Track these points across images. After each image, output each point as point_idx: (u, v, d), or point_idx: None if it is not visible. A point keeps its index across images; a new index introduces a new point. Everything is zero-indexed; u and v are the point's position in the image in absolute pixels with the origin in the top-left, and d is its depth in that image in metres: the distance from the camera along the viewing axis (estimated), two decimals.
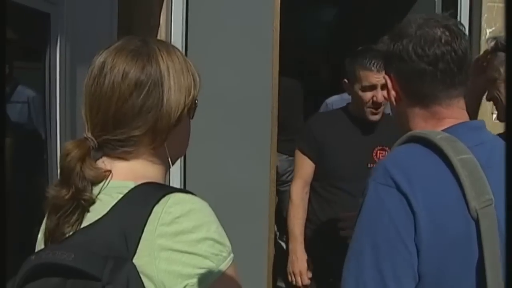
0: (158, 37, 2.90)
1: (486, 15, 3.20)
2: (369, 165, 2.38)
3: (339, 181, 2.42)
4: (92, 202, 0.95)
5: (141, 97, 0.96)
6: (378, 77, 2.28)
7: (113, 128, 0.98)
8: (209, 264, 0.90)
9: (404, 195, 1.04)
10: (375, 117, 2.40)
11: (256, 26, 3.03)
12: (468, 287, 1.05)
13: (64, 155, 0.95)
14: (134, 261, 0.88)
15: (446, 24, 1.16)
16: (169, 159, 1.04)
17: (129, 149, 0.99)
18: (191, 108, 1.05)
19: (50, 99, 1.87)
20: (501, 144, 1.20)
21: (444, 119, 1.17)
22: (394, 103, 1.24)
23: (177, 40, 2.94)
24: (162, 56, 1.00)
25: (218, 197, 1.01)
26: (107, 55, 1.00)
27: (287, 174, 3.96)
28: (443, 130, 1.14)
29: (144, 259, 0.88)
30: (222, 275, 0.91)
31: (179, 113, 1.00)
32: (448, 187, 1.05)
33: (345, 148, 2.44)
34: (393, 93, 1.22)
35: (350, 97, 2.52)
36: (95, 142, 0.98)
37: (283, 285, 4.10)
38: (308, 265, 2.46)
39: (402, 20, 3.57)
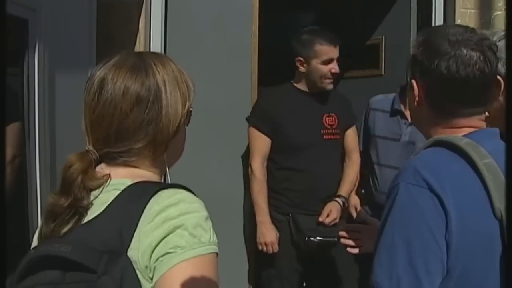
0: (137, 43, 2.90)
1: (459, 20, 3.28)
2: (322, 131, 2.73)
3: (298, 150, 2.70)
4: (90, 207, 0.98)
5: (142, 112, 1.01)
6: (335, 52, 2.71)
7: (114, 141, 1.02)
8: (181, 243, 0.91)
9: (436, 195, 1.10)
10: (331, 86, 2.77)
11: (235, 32, 3.05)
12: (491, 282, 1.12)
13: (67, 167, 0.99)
14: (128, 253, 0.91)
15: (482, 49, 1.20)
16: (167, 165, 1.08)
17: (129, 159, 1.03)
18: (187, 117, 1.09)
19: (28, 105, 1.86)
20: None
21: (463, 128, 1.23)
22: (415, 105, 1.28)
23: (156, 46, 2.94)
24: (158, 71, 1.04)
25: None
26: (106, 71, 1.03)
27: None
28: (463, 136, 1.20)
29: (135, 250, 0.91)
30: (192, 258, 0.91)
31: (177, 124, 1.05)
32: (475, 189, 1.12)
33: (297, 118, 2.72)
34: (416, 98, 1.27)
35: (393, 95, 2.83)
36: (97, 154, 1.02)
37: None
38: (275, 234, 2.70)
39: (379, 26, 3.54)
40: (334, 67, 2.71)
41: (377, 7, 3.68)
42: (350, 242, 1.64)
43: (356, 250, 1.64)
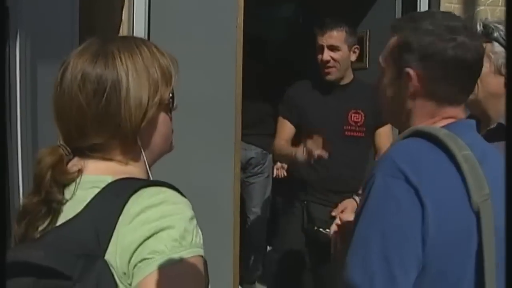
0: (120, 34, 2.84)
1: None
2: (344, 127, 2.64)
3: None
4: (65, 202, 0.93)
5: (100, 104, 0.94)
6: (324, 39, 2.60)
7: (77, 136, 0.96)
8: (160, 248, 0.85)
9: (413, 187, 1.06)
10: (329, 77, 2.63)
11: (220, 23, 3.01)
12: (467, 277, 1.09)
13: (37, 163, 0.93)
14: (106, 257, 0.85)
15: (476, 49, 1.19)
16: (145, 158, 1.01)
17: (100, 154, 0.97)
18: (162, 104, 1.01)
19: (10, 98, 1.79)
20: (488, 144, 1.26)
21: (447, 118, 1.21)
22: (408, 97, 1.23)
23: (139, 36, 2.88)
24: (121, 58, 0.96)
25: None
26: (70, 59, 0.97)
27: (259, 166, 4.15)
28: (442, 127, 1.18)
29: (113, 254, 0.86)
30: (172, 265, 0.85)
31: (142, 113, 0.96)
32: (452, 181, 1.09)
33: (320, 109, 2.67)
34: (412, 89, 1.21)
35: None
36: (68, 149, 0.96)
37: (249, 285, 4.11)
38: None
39: (363, 19, 3.51)
40: (322, 55, 2.62)
41: (362, 1, 3.68)
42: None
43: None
